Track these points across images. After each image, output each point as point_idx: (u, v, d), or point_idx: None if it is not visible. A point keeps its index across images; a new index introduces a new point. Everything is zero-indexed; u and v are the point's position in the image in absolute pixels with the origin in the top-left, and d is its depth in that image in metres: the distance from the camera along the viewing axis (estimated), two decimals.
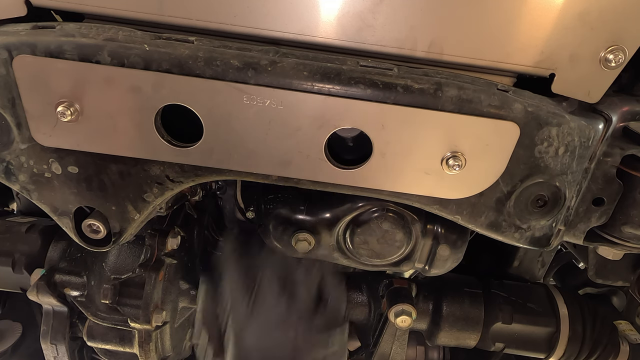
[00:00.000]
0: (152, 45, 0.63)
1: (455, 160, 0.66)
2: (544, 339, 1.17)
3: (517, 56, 0.67)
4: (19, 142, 0.69)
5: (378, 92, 0.64)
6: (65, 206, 0.76)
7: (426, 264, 1.01)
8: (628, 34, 0.65)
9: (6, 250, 1.13)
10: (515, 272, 1.34)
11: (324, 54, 0.68)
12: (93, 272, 1.07)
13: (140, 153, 0.69)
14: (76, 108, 0.65)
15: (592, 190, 0.76)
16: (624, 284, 1.17)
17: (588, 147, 0.71)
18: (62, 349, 1.10)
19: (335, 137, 0.69)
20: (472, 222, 0.75)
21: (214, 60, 0.63)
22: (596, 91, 0.69)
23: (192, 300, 1.14)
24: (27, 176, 0.73)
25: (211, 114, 0.65)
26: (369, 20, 0.65)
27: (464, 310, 1.16)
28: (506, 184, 0.71)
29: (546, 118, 0.67)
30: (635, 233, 0.77)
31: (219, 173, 0.71)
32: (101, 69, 0.62)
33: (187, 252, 1.14)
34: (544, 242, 0.79)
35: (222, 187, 1.31)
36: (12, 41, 0.62)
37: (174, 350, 1.15)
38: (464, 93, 0.65)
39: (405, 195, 0.72)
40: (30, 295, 1.05)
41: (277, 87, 0.63)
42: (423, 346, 1.36)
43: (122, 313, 1.04)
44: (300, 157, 0.68)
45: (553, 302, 1.19)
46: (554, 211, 0.75)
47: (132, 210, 0.76)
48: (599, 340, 1.15)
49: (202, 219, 1.20)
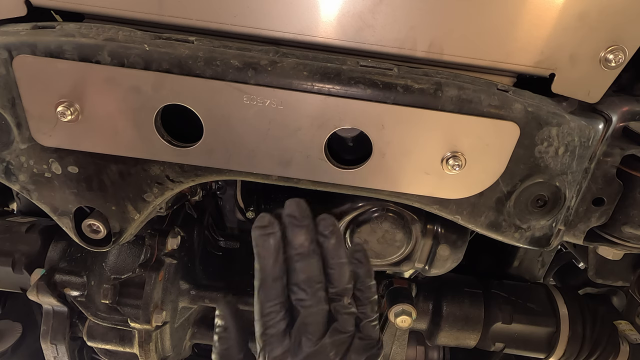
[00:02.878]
0: (152, 45, 0.63)
1: (455, 160, 0.66)
2: (544, 339, 1.17)
3: (517, 56, 0.67)
4: (19, 142, 0.69)
5: (378, 92, 0.64)
6: (65, 206, 0.76)
7: (426, 264, 1.01)
8: (628, 34, 0.65)
9: (6, 250, 1.12)
10: (515, 272, 1.34)
11: (324, 54, 0.68)
12: (93, 272, 1.07)
13: (140, 153, 0.69)
14: (76, 108, 0.65)
15: (592, 190, 0.76)
16: (624, 284, 1.17)
17: (588, 147, 0.71)
18: (62, 349, 1.10)
19: (335, 137, 0.69)
20: (472, 222, 0.75)
21: (214, 60, 0.63)
22: (596, 91, 0.69)
23: (192, 300, 1.14)
24: (27, 176, 0.73)
25: (211, 114, 0.65)
26: (369, 20, 0.65)
27: (464, 310, 1.16)
28: (506, 184, 0.71)
29: (546, 118, 0.67)
30: (635, 233, 0.77)
31: (219, 173, 0.71)
32: (101, 69, 0.62)
33: (187, 252, 1.14)
34: (544, 242, 0.79)
35: (222, 187, 1.31)
36: (12, 41, 0.62)
37: (174, 350, 1.16)
38: (464, 93, 0.65)
39: (405, 195, 0.72)
40: (30, 295, 1.04)
41: (277, 87, 0.63)
42: (423, 346, 1.36)
43: (122, 313, 1.04)
44: (300, 157, 0.68)
45: (553, 302, 1.19)
46: (554, 211, 0.75)
47: (132, 210, 0.76)
48: (599, 340, 1.15)
49: (202, 219, 1.20)
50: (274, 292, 0.59)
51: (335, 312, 0.60)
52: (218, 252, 1.26)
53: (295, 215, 0.60)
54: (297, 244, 0.59)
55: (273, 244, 0.59)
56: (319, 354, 0.58)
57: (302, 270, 0.59)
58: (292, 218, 0.60)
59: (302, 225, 0.60)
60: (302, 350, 0.58)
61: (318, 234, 0.61)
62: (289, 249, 0.60)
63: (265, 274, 0.59)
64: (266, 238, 0.59)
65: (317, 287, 0.59)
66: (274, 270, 0.59)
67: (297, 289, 0.59)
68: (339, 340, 0.59)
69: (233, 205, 1.35)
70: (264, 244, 0.59)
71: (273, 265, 0.59)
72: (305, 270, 0.59)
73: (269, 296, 0.59)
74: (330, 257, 0.60)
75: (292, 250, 0.60)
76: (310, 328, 0.58)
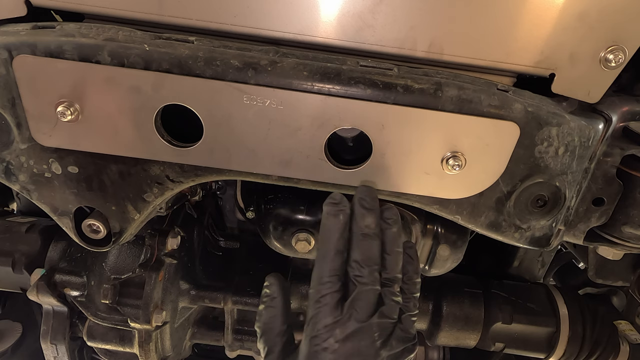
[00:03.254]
0: (152, 45, 0.63)
1: (455, 160, 0.66)
2: (544, 339, 1.17)
3: (517, 56, 0.67)
4: (19, 142, 0.69)
5: (378, 92, 0.64)
6: (65, 206, 0.76)
7: (426, 264, 1.01)
8: (628, 34, 0.65)
9: (6, 250, 1.12)
10: (515, 272, 1.34)
11: (324, 54, 0.68)
12: (93, 272, 1.07)
13: (140, 153, 0.69)
14: (76, 108, 0.65)
15: (592, 190, 0.76)
16: (624, 284, 1.17)
17: (588, 147, 0.71)
18: (62, 349, 1.10)
19: (335, 137, 0.69)
20: (472, 222, 0.75)
21: (214, 60, 0.63)
22: (596, 91, 0.69)
23: (192, 300, 1.14)
24: (27, 176, 0.73)
25: (211, 114, 0.65)
26: (369, 20, 0.65)
27: (463, 310, 1.16)
28: (506, 184, 0.71)
29: (546, 118, 0.67)
30: (635, 233, 0.77)
31: (219, 173, 0.71)
32: (101, 69, 0.62)
33: (187, 252, 1.13)
34: (544, 242, 0.79)
35: (222, 187, 1.31)
36: (12, 41, 0.62)
37: (174, 350, 1.15)
38: (464, 93, 0.65)
39: (405, 195, 0.72)
40: (30, 295, 1.04)
41: (277, 87, 0.63)
42: (423, 346, 1.36)
43: (122, 313, 1.04)
44: (300, 157, 0.68)
45: (553, 302, 1.19)
46: (554, 211, 0.75)
47: (132, 210, 0.76)
48: (599, 340, 1.15)
49: (202, 219, 1.20)
50: (335, 264, 0.63)
51: (385, 296, 0.63)
52: (218, 252, 1.26)
53: (366, 199, 0.64)
54: (364, 224, 0.63)
55: (342, 220, 0.63)
56: (364, 332, 0.61)
57: (364, 249, 0.63)
58: (362, 201, 0.64)
59: (371, 209, 0.64)
60: (350, 324, 0.60)
61: (382, 220, 0.66)
62: (354, 227, 0.64)
63: (329, 246, 0.63)
64: (337, 213, 0.64)
65: (375, 267, 0.63)
66: (339, 244, 0.63)
67: (356, 266, 0.62)
68: (383, 324, 0.62)
69: (233, 205, 1.35)
70: (333, 218, 0.63)
71: (338, 239, 0.63)
72: (367, 250, 0.63)
73: (329, 267, 0.62)
74: (389, 243, 0.65)
75: (358, 229, 0.63)
76: (362, 304, 0.61)
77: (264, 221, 0.97)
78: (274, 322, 0.70)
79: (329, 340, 0.60)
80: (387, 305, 0.63)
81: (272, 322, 0.70)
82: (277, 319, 0.70)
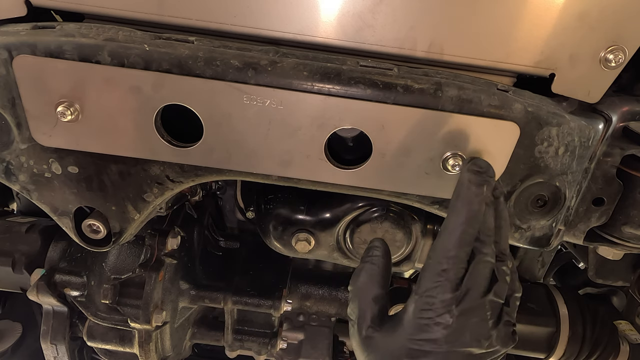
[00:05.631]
0: (152, 45, 0.63)
1: (455, 160, 0.66)
2: (544, 339, 1.17)
3: (517, 56, 0.67)
4: (19, 142, 0.69)
5: (378, 92, 0.64)
6: (65, 206, 0.76)
7: None
8: (628, 34, 0.65)
9: (6, 250, 1.12)
10: None
11: (324, 54, 0.68)
12: (93, 272, 1.07)
13: (140, 153, 0.69)
14: (76, 108, 0.65)
15: (592, 190, 0.76)
16: (624, 284, 1.17)
17: (588, 147, 0.71)
18: (62, 349, 1.10)
19: (335, 137, 0.69)
20: None
21: (214, 60, 0.63)
22: (596, 91, 0.69)
23: (192, 300, 1.14)
24: (27, 176, 0.73)
25: (211, 114, 0.65)
26: (369, 20, 0.65)
27: None
28: (506, 184, 0.71)
29: (546, 118, 0.67)
30: (635, 233, 0.77)
31: (219, 173, 0.71)
32: (101, 69, 0.62)
33: (187, 252, 1.13)
34: (544, 242, 0.79)
35: (222, 187, 1.31)
36: (12, 41, 0.62)
37: (174, 350, 1.16)
38: (464, 93, 0.65)
39: (405, 195, 0.72)
40: (30, 295, 1.04)
41: (277, 87, 0.63)
42: None
43: (122, 313, 1.04)
44: (300, 157, 0.68)
45: (553, 302, 1.19)
46: (554, 211, 0.75)
47: (132, 210, 0.76)
48: (599, 341, 1.15)
49: (202, 219, 1.20)
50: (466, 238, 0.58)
51: (498, 272, 0.60)
52: (218, 252, 1.26)
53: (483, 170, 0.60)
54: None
55: (485, 192, 0.59)
56: (478, 310, 0.58)
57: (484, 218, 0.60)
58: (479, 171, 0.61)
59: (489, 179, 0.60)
60: (466, 302, 0.57)
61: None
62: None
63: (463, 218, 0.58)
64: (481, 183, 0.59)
65: (491, 239, 0.60)
66: (476, 218, 0.58)
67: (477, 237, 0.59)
68: (496, 304, 0.59)
69: (233, 205, 1.35)
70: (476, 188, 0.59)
71: (478, 212, 0.58)
72: (487, 219, 0.60)
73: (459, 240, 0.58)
74: (499, 215, 0.62)
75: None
76: (480, 280, 0.58)
77: (264, 221, 0.97)
78: (371, 284, 0.64)
79: (444, 316, 0.57)
80: (500, 283, 0.59)
81: (369, 283, 0.65)
82: (374, 281, 0.65)
